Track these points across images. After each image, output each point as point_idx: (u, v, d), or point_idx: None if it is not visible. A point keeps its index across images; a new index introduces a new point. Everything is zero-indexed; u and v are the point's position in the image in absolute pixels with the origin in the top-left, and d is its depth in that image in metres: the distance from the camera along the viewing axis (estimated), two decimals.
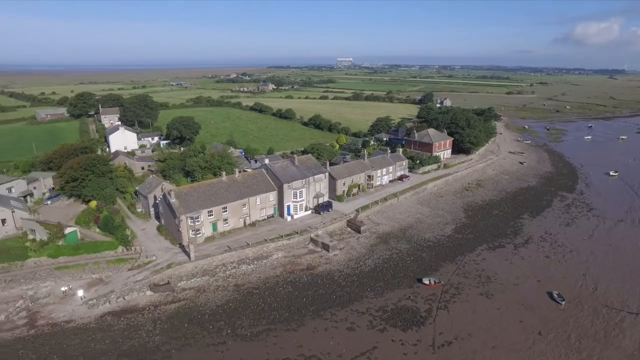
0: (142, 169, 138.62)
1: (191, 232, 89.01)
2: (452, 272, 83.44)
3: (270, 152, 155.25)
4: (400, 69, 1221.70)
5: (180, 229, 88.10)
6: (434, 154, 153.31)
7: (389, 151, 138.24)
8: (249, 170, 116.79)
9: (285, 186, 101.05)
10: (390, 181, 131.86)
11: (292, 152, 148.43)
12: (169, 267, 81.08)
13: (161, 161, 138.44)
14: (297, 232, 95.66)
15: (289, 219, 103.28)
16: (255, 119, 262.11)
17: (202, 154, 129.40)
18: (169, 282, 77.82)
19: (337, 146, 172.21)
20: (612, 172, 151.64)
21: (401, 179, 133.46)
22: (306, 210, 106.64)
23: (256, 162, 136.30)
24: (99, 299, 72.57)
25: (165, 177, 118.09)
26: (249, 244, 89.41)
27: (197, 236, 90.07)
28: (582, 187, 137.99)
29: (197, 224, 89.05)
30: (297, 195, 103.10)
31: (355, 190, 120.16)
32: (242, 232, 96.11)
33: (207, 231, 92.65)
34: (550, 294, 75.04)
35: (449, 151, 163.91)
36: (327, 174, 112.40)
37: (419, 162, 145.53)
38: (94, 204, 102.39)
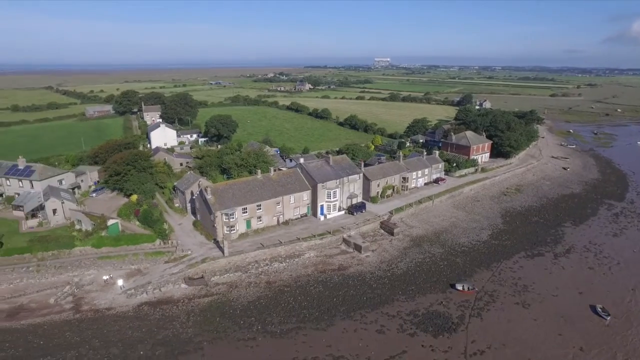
0: (181, 165, 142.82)
1: (226, 228, 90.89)
2: (486, 279, 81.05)
3: (305, 152, 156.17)
4: (438, 70, 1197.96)
5: (215, 225, 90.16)
6: (472, 157, 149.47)
7: (425, 153, 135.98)
8: (284, 169, 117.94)
9: (319, 186, 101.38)
10: (425, 184, 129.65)
11: (327, 152, 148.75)
12: (203, 261, 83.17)
13: (199, 158, 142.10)
14: (330, 232, 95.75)
15: (322, 218, 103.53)
16: (291, 118, 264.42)
17: (239, 152, 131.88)
18: (203, 276, 79.83)
19: (373, 147, 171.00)
20: None
21: (437, 181, 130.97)
22: (339, 210, 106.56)
23: (291, 161, 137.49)
24: (137, 289, 75.44)
25: (202, 174, 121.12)
26: (282, 242, 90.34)
27: (232, 232, 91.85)
28: (632, 196, 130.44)
29: (231, 220, 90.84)
30: (331, 195, 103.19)
31: (389, 191, 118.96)
32: (275, 230, 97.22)
33: (241, 228, 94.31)
34: (593, 308, 71.35)
35: (487, 155, 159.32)
36: (361, 174, 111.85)
37: (455, 165, 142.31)
38: (134, 197, 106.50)
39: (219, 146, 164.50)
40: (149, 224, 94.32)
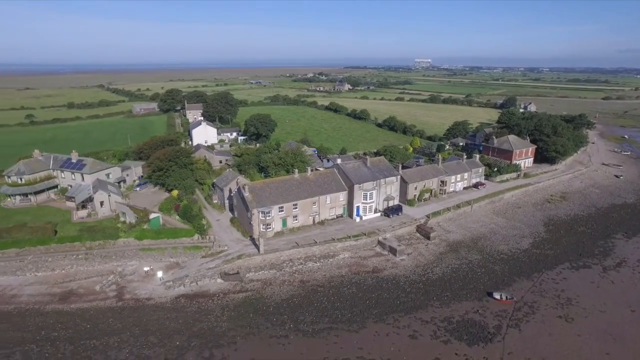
0: (220, 162, 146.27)
1: (262, 226, 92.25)
2: (526, 289, 77.82)
3: (342, 152, 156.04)
4: (481, 71, 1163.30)
5: (251, 222, 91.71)
6: (514, 162, 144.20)
7: (465, 157, 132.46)
8: (321, 169, 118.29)
9: (355, 187, 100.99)
10: (464, 188, 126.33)
11: (365, 153, 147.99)
12: (239, 257, 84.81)
13: (238, 156, 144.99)
14: (365, 234, 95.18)
15: (358, 219, 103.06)
16: (329, 118, 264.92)
17: (277, 151, 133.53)
18: (238, 272, 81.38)
19: (411, 149, 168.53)
20: None
21: (476, 186, 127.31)
22: (375, 212, 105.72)
23: (328, 161, 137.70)
24: (175, 281, 77.94)
25: (240, 172, 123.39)
26: (317, 242, 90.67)
27: (267, 230, 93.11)
28: None
29: (268, 218, 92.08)
30: (367, 196, 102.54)
31: (426, 195, 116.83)
32: (310, 229, 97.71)
33: (277, 226, 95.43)
34: None
35: (531, 160, 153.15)
36: (398, 177, 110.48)
37: (496, 169, 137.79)
38: (175, 193, 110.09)
39: (258, 145, 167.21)
40: (188, 219, 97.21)
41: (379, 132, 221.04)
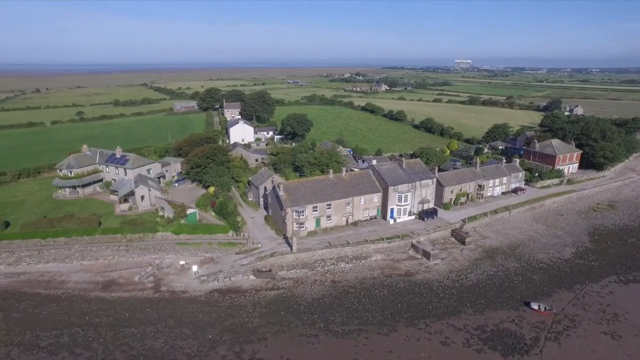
0: (256, 161, 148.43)
1: (295, 225, 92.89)
2: (567, 301, 74.25)
3: (378, 153, 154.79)
4: (524, 72, 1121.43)
5: (285, 221, 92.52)
6: (557, 167, 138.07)
7: (504, 161, 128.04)
8: (356, 169, 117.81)
9: (390, 189, 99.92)
10: (502, 193, 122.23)
11: (401, 155, 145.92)
12: (272, 255, 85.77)
13: (274, 155, 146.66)
14: (399, 236, 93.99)
15: (392, 222, 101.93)
16: (365, 119, 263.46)
17: (312, 151, 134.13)
18: (270, 270, 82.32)
19: (448, 152, 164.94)
20: None
21: (515, 191, 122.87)
22: (410, 215, 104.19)
23: (363, 162, 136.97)
24: (209, 276, 79.79)
25: (276, 170, 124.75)
26: (350, 243, 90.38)
27: (301, 229, 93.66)
28: None
29: (301, 217, 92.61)
30: (402, 199, 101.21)
31: (463, 199, 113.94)
32: (343, 230, 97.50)
33: (311, 226, 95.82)
34: None
35: (576, 165, 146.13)
36: (434, 179, 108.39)
37: (537, 174, 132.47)
38: (212, 189, 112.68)
39: (294, 144, 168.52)
40: (223, 216, 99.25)
41: (416, 134, 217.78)
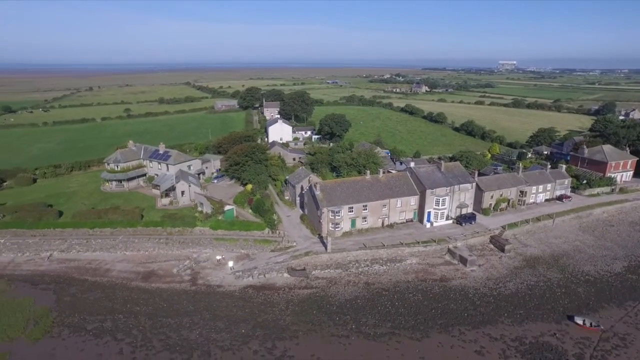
0: (294, 160, 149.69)
1: (331, 225, 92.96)
2: (617, 319, 69.82)
3: (416, 156, 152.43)
4: (574, 74, 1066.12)
5: (321, 221, 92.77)
6: (608, 174, 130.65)
7: (549, 166, 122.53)
8: (393, 171, 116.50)
9: (428, 192, 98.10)
10: (546, 200, 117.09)
11: (440, 158, 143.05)
12: (306, 254, 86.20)
13: (311, 154, 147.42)
14: (435, 241, 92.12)
15: (428, 225, 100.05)
16: (404, 120, 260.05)
17: (349, 151, 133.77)
18: (304, 269, 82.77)
19: (489, 156, 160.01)
20: None
21: (560, 199, 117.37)
22: (447, 219, 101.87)
23: (401, 164, 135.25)
24: (244, 272, 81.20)
25: (313, 170, 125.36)
26: (385, 245, 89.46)
27: (336, 230, 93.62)
28: None
29: (337, 218, 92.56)
30: (440, 202, 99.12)
31: (503, 205, 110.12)
32: (379, 232, 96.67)
33: (346, 226, 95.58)
34: None
35: (630, 173, 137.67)
36: (474, 184, 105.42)
37: (585, 182, 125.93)
38: (249, 187, 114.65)
39: (331, 144, 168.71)
40: (260, 213, 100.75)
41: (456, 137, 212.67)
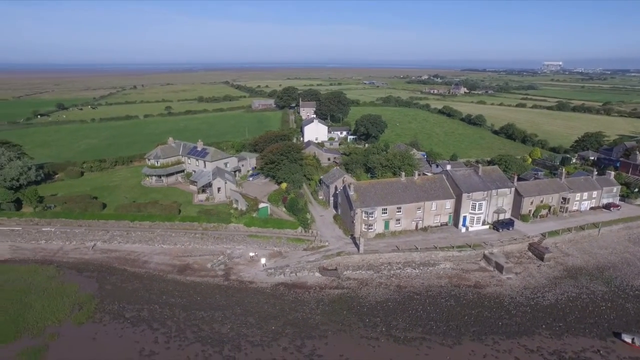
0: (328, 159, 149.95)
1: (364, 226, 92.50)
2: None
3: (453, 158, 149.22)
4: (627, 75, 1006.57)
5: (354, 221, 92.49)
6: None
7: (595, 173, 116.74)
8: (429, 174, 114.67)
9: (464, 196, 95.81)
10: (591, 208, 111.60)
11: (477, 161, 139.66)
12: (338, 254, 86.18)
13: (346, 155, 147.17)
14: (470, 246, 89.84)
15: (464, 230, 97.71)
16: (442, 122, 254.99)
17: (385, 153, 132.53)
18: (336, 269, 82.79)
19: (530, 160, 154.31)
20: None
21: (608, 207, 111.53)
22: (483, 224, 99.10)
23: (437, 166, 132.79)
24: (277, 269, 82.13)
25: (347, 170, 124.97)
26: (418, 248, 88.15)
27: (369, 231, 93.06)
28: None
29: (370, 219, 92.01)
30: (476, 207, 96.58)
31: (544, 211, 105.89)
32: (412, 235, 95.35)
33: (379, 228, 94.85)
34: None
35: None
36: (513, 189, 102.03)
37: (637, 190, 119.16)
38: (284, 185, 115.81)
39: (366, 145, 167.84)
40: (293, 212, 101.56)
41: (495, 140, 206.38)
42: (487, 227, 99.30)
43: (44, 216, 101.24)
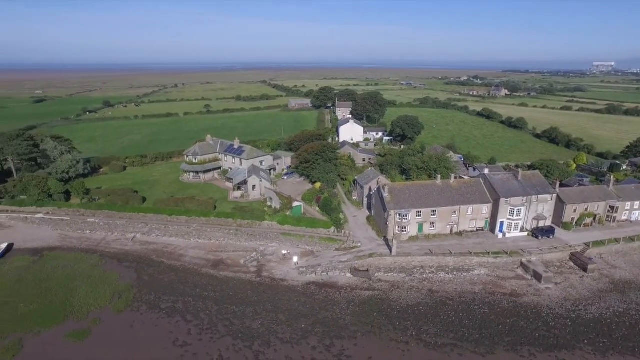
0: (363, 160, 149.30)
1: (397, 228, 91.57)
2: None
3: (491, 162, 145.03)
4: None
5: (387, 223, 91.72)
6: None
7: None
8: (466, 177, 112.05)
9: (502, 200, 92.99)
10: None
11: (517, 166, 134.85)
12: (370, 256, 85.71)
13: (381, 156, 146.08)
14: (507, 252, 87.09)
15: (500, 236, 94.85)
16: (481, 124, 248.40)
17: (421, 154, 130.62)
18: (368, 270, 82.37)
19: (574, 166, 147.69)
20: None
21: None
22: (522, 230, 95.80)
23: (475, 170, 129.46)
24: (308, 268, 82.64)
25: (382, 171, 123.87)
26: (452, 253, 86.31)
27: (402, 233, 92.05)
28: None
29: (404, 221, 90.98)
30: (515, 212, 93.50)
31: (588, 220, 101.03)
32: (446, 239, 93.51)
33: (413, 231, 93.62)
34: None
35: None
36: (554, 195, 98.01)
37: None
38: (318, 185, 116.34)
39: (402, 146, 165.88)
40: (327, 212, 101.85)
41: (536, 144, 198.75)
42: (525, 234, 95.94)
43: (90, 207, 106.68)
